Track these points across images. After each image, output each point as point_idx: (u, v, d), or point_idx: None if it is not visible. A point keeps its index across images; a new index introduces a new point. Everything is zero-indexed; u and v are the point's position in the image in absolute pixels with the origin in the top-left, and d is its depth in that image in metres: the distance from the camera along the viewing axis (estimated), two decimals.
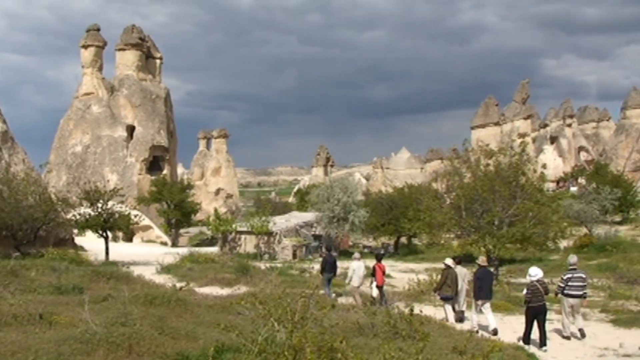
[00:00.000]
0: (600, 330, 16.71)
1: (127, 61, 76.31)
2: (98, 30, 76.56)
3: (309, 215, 53.88)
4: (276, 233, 45.78)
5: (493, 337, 13.72)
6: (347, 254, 45.86)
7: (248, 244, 46.34)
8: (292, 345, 6.89)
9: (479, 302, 15.93)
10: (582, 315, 16.13)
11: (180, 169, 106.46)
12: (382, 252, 26.89)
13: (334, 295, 21.19)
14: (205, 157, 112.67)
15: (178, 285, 18.57)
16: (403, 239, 53.36)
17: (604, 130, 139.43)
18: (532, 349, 13.55)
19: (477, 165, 29.67)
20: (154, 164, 74.41)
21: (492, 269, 16.58)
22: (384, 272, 20.11)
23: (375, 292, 19.58)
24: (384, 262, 20.72)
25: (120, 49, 76.79)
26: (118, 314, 10.65)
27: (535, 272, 14.63)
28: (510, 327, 16.53)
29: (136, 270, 24.01)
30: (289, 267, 33.39)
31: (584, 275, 15.94)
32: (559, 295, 15.75)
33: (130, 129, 74.07)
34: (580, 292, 15.39)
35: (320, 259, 23.32)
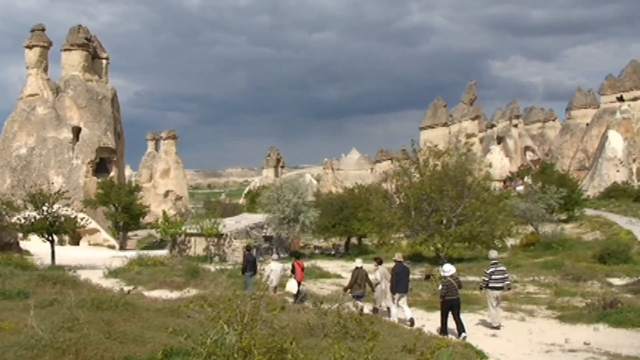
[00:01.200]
0: (547, 327, 17.09)
1: (73, 62, 74.88)
2: (43, 30, 74.97)
3: (259, 217, 53.69)
4: (226, 235, 45.50)
5: (413, 328, 14.72)
6: (298, 255, 45.98)
7: (198, 247, 45.95)
8: (241, 347, 6.86)
9: (396, 296, 16.82)
10: (530, 311, 16.47)
11: (127, 171, 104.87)
12: (299, 254, 27.24)
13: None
14: (153, 158, 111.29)
15: (126, 289, 18.28)
16: (353, 240, 53.60)
17: (550, 130, 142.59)
18: (476, 345, 13.76)
19: (425, 165, 30.06)
20: (100, 166, 73.18)
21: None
22: (302, 269, 21.21)
23: (294, 288, 20.15)
24: (334, 262, 21.01)
25: (65, 49, 75.28)
26: (64, 318, 10.43)
27: (448, 269, 15.66)
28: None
29: (83, 275, 23.55)
30: (239, 269, 33.20)
31: (504, 269, 17.24)
32: (484, 289, 16.90)
33: (76, 131, 72.69)
34: (502, 284, 16.64)
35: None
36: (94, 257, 39.00)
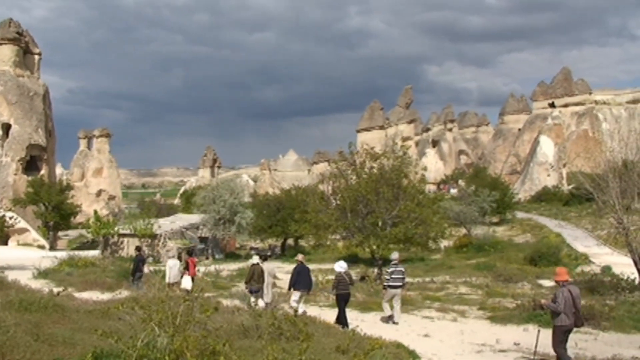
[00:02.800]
0: (478, 327, 17.41)
1: (3, 56, 72.63)
2: None
3: (194, 217, 53.13)
4: (160, 235, 44.85)
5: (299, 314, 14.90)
6: (233, 257, 45.65)
7: (131, 247, 45.12)
8: (173, 350, 6.75)
9: (297, 293, 17.65)
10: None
11: (59, 170, 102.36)
12: (191, 252, 27.47)
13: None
14: (86, 157, 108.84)
15: (56, 290, 17.81)
16: (290, 241, 53.60)
17: (483, 135, 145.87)
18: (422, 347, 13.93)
19: (362, 167, 30.25)
20: (31, 164, 71.15)
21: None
22: (195, 265, 22.32)
23: (189, 285, 20.58)
24: (270, 264, 21.20)
25: None
26: None
27: (341, 265, 17.04)
28: (392, 326, 16.95)
29: (11, 275, 22.76)
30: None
31: (403, 269, 18.29)
32: (385, 286, 17.95)
33: (6, 127, 70.53)
34: (400, 284, 17.75)
35: (206, 262, 23.22)
36: (23, 257, 37.81)
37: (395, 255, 18.64)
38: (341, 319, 16.02)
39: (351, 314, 18.64)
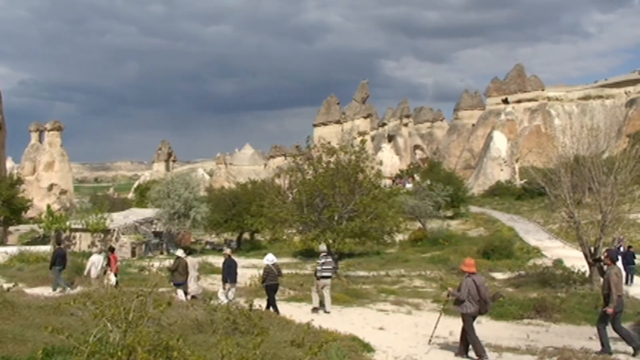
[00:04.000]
0: (432, 320, 17.57)
1: None
2: None
3: (149, 212, 52.50)
4: (114, 230, 44.26)
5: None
6: (189, 251, 45.32)
7: (83, 242, 44.45)
8: (126, 345, 6.68)
9: (226, 286, 18.69)
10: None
11: (9, 163, 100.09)
12: (113, 248, 27.40)
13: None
14: (37, 150, 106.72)
15: (5, 286, 17.45)
16: (246, 235, 53.42)
17: (438, 130, 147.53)
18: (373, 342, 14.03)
19: (318, 162, 30.26)
20: None
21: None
22: (116, 261, 22.57)
23: (113, 280, 21.05)
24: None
25: None
26: None
27: (270, 258, 18.05)
28: (347, 319, 17.02)
29: None
30: (127, 265, 32.44)
31: (332, 260, 19.39)
32: (317, 277, 18.61)
33: None
34: (330, 274, 18.59)
35: (161, 257, 23.18)
36: None
37: (323, 247, 20.00)
38: (272, 307, 17.00)
39: (307, 308, 18.73)
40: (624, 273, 23.65)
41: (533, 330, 15.81)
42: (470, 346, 12.17)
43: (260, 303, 15.83)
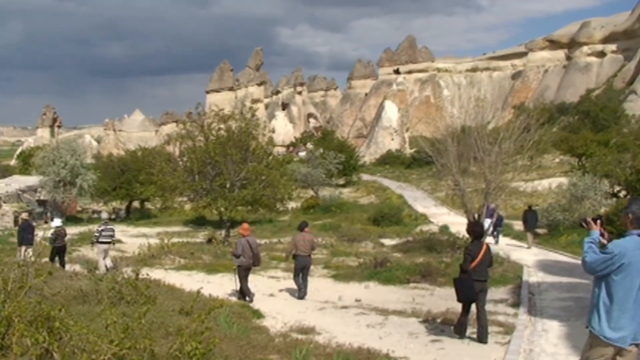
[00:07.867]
0: (322, 285, 17.92)
1: None
2: None
3: (32, 179, 50.27)
4: None
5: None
6: (75, 220, 43.86)
7: None
8: (5, 317, 6.39)
9: (22, 249, 19.30)
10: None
11: None
12: None
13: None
14: None
15: None
16: (135, 203, 52.23)
17: (332, 99, 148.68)
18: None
19: (210, 129, 29.87)
20: None
21: (223, 231, 18.31)
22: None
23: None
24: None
25: None
26: None
27: (57, 222, 20.50)
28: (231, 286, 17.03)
29: None
30: (9, 234, 31.09)
31: (112, 227, 20.78)
32: (95, 244, 20.10)
33: None
34: (110, 240, 19.99)
35: (45, 226, 22.60)
36: None
37: (104, 215, 23.25)
38: (58, 262, 19.08)
39: (197, 276, 18.62)
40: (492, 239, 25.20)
41: (419, 294, 16.34)
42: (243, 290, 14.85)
43: (148, 272, 15.57)
